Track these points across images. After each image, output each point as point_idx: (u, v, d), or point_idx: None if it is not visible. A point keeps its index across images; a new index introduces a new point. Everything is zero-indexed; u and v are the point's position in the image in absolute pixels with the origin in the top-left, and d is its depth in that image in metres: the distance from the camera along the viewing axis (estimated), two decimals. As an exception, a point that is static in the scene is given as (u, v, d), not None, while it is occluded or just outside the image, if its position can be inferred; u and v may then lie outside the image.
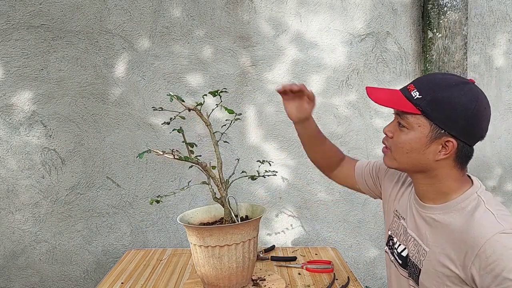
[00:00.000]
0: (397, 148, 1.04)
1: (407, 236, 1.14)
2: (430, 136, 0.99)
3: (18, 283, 2.29)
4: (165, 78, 2.21)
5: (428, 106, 0.97)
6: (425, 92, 0.98)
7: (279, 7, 2.20)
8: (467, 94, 0.96)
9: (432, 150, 1.00)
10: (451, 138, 0.97)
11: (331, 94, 2.26)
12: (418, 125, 0.99)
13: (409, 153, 1.02)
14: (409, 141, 1.01)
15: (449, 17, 2.13)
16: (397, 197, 1.22)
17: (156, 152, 1.24)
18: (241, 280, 1.35)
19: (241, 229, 1.29)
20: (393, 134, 1.06)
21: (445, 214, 1.02)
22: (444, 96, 0.96)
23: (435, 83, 0.99)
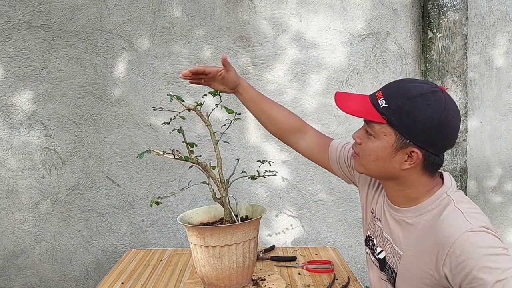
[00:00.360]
0: (364, 155, 1.04)
1: (384, 239, 1.13)
2: (396, 146, 0.98)
3: (18, 283, 2.29)
4: (165, 78, 2.21)
5: (394, 116, 0.96)
6: (392, 101, 0.96)
7: (279, 7, 2.20)
8: (433, 104, 0.94)
9: (397, 159, 0.99)
10: (416, 149, 0.97)
11: (331, 94, 2.26)
12: (384, 134, 0.99)
13: (375, 161, 1.02)
14: (375, 150, 1.01)
15: (449, 17, 2.13)
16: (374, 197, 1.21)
17: (156, 152, 1.24)
18: (241, 280, 1.35)
19: (241, 229, 1.29)
20: (362, 141, 1.06)
21: (417, 216, 1.02)
22: (409, 106, 0.94)
23: (402, 92, 0.97)
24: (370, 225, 1.22)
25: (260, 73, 2.23)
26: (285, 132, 1.35)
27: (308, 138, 1.35)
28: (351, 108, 1.03)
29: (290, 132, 1.35)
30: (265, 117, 1.34)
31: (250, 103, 1.34)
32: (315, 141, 1.35)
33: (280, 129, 1.35)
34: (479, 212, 0.96)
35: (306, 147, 1.35)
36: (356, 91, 2.26)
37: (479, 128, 2.28)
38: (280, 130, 1.35)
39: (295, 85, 2.24)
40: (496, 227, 2.36)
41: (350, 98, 1.06)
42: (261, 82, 2.23)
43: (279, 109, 1.35)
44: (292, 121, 1.35)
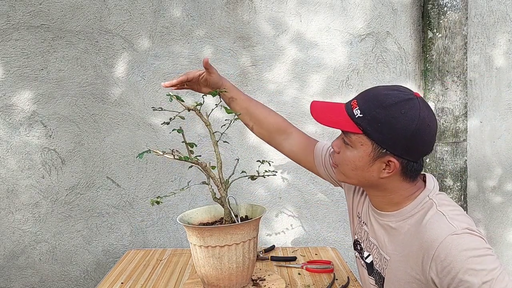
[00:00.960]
0: (343, 164, 1.04)
1: (370, 243, 1.14)
2: (373, 155, 0.98)
3: (18, 283, 2.29)
4: (165, 78, 2.20)
5: (369, 126, 0.96)
6: (366, 110, 0.96)
7: (279, 7, 2.20)
8: (408, 113, 0.94)
9: (375, 168, 1.00)
10: (393, 158, 0.97)
11: (331, 94, 2.26)
12: (361, 144, 0.99)
13: (354, 171, 1.02)
14: (353, 159, 1.01)
15: (449, 17, 2.13)
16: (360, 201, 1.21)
17: (156, 152, 1.24)
18: (241, 280, 1.35)
19: (241, 229, 1.29)
20: (340, 149, 1.05)
21: (400, 221, 1.02)
22: (384, 115, 0.94)
23: (377, 101, 0.96)
24: (357, 229, 1.23)
25: (260, 73, 2.23)
26: (269, 132, 1.35)
27: (292, 140, 1.35)
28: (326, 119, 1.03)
29: (273, 132, 1.35)
30: (248, 117, 1.34)
31: (233, 103, 1.34)
32: (300, 143, 1.35)
33: (263, 130, 1.35)
34: (461, 214, 0.96)
35: (290, 149, 1.36)
36: (356, 91, 2.26)
37: (479, 128, 2.28)
38: (264, 131, 1.36)
39: (295, 85, 2.24)
40: (496, 227, 2.36)
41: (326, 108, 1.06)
42: (261, 82, 2.23)
43: (263, 109, 1.35)
44: (276, 122, 1.35)
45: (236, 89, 1.35)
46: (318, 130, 2.26)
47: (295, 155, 1.37)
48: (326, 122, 1.02)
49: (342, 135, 1.05)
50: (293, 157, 1.39)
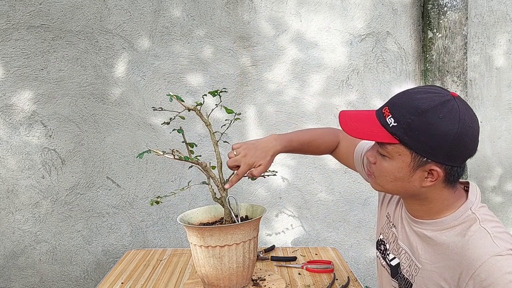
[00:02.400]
0: (381, 176, 0.98)
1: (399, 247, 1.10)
2: (413, 165, 0.92)
3: (18, 283, 2.29)
4: (165, 78, 2.20)
5: (405, 135, 0.89)
6: (400, 118, 0.90)
7: (279, 7, 2.20)
8: (447, 116, 0.87)
9: (417, 178, 0.93)
10: (435, 166, 0.90)
11: (331, 94, 2.26)
12: (399, 154, 0.92)
13: (393, 182, 0.96)
14: (392, 171, 0.95)
15: (449, 17, 2.13)
16: (391, 202, 1.18)
17: (156, 152, 1.24)
18: (241, 280, 1.35)
19: (241, 229, 1.29)
20: (376, 160, 0.99)
21: (438, 231, 0.97)
22: (420, 123, 0.88)
23: (410, 106, 0.89)
24: (384, 229, 1.19)
25: (260, 73, 2.23)
26: (327, 152, 1.39)
27: (340, 148, 1.37)
28: (358, 130, 0.97)
29: (330, 150, 1.38)
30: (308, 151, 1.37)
31: (294, 151, 1.35)
32: (344, 151, 1.36)
33: (323, 152, 1.39)
34: (504, 231, 0.91)
35: (338, 157, 1.39)
36: (356, 91, 2.26)
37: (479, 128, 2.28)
38: (323, 153, 1.40)
39: (295, 85, 2.24)
40: (496, 227, 2.36)
41: (356, 119, 1.00)
42: (261, 82, 2.23)
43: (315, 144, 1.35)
44: (327, 147, 1.37)
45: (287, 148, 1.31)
46: (318, 130, 2.26)
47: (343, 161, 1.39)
48: (358, 134, 0.96)
49: (376, 146, 0.98)
50: (341, 162, 1.40)
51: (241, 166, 1.21)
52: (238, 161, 1.21)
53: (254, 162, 1.21)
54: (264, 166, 1.23)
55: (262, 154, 1.23)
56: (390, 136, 0.91)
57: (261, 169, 1.22)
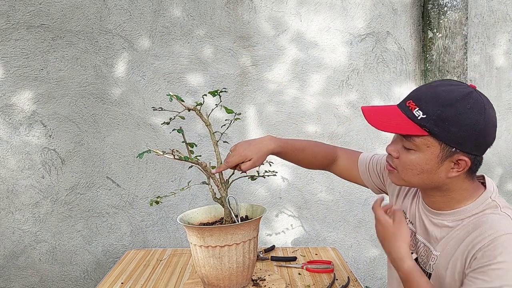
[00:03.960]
0: (406, 169, 0.98)
1: (417, 242, 1.11)
2: (441, 156, 0.93)
3: (18, 283, 2.29)
4: (165, 78, 2.20)
5: (435, 126, 0.91)
6: (429, 110, 0.91)
7: (279, 6, 2.20)
8: (474, 107, 0.90)
9: (444, 169, 0.95)
10: (464, 156, 0.92)
11: (331, 94, 2.26)
12: (427, 146, 0.93)
13: (419, 174, 0.97)
14: (419, 163, 0.95)
15: (449, 17, 2.13)
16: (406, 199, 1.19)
17: (156, 152, 1.24)
18: (241, 280, 1.35)
19: (241, 229, 1.29)
20: (399, 154, 0.99)
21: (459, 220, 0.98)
22: (450, 113, 0.90)
23: (438, 98, 0.92)
24: None
25: (260, 73, 2.23)
26: (321, 167, 1.40)
27: (340, 162, 1.38)
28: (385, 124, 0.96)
29: (325, 166, 1.39)
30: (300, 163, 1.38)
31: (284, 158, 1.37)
32: (346, 163, 1.37)
33: (316, 167, 1.40)
34: None
35: (340, 171, 1.39)
36: (356, 91, 2.26)
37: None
38: (317, 167, 1.41)
39: (295, 85, 2.24)
40: (496, 227, 2.36)
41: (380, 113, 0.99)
42: (261, 82, 2.23)
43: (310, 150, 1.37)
44: (324, 158, 1.37)
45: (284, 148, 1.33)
46: (318, 130, 2.26)
47: (344, 175, 1.40)
48: (386, 128, 0.95)
49: (399, 140, 0.98)
50: (342, 176, 1.41)
51: (234, 156, 1.22)
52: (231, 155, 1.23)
53: (246, 155, 1.23)
54: (253, 161, 1.24)
55: (255, 150, 1.24)
56: (419, 128, 0.92)
57: (249, 164, 1.23)
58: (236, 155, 1.23)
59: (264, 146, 1.27)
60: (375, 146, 2.29)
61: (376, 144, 2.29)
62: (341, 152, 1.39)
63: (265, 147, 1.27)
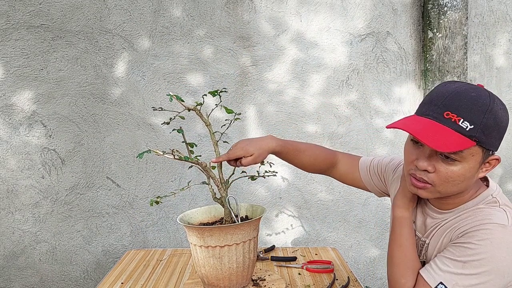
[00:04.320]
0: (447, 182, 0.94)
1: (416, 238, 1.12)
2: (481, 161, 0.94)
3: (18, 283, 2.29)
4: (165, 78, 2.20)
5: (483, 135, 0.90)
6: (475, 120, 0.89)
7: (279, 7, 2.20)
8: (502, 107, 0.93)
9: (479, 172, 0.96)
10: (495, 155, 0.96)
11: (331, 94, 2.26)
12: (472, 155, 0.92)
13: (460, 184, 0.95)
14: (463, 173, 0.93)
15: (449, 17, 2.13)
16: None
17: (156, 152, 1.24)
18: (241, 280, 1.35)
19: (241, 229, 1.29)
20: (435, 168, 0.94)
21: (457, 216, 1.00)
22: (492, 118, 0.90)
23: (479, 106, 0.90)
24: None
25: (260, 73, 2.23)
26: (321, 170, 1.41)
27: (341, 166, 1.39)
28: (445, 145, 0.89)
29: (325, 169, 1.40)
30: (300, 165, 1.39)
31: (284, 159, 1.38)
32: (346, 168, 1.38)
33: (316, 170, 1.41)
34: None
35: (340, 176, 1.40)
36: (356, 91, 2.26)
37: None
38: (317, 170, 1.41)
39: (295, 85, 2.24)
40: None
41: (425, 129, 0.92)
42: (261, 82, 2.23)
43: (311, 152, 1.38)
44: (324, 160, 1.38)
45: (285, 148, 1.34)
46: (318, 130, 2.26)
47: (345, 179, 1.40)
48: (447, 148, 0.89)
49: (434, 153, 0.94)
50: (343, 181, 1.42)
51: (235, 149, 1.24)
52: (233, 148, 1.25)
53: (248, 150, 1.24)
54: (254, 157, 1.24)
55: (256, 146, 1.26)
56: (468, 140, 0.90)
57: (250, 159, 1.24)
58: (238, 149, 1.24)
59: (265, 144, 1.28)
60: (375, 146, 2.29)
61: (376, 144, 2.29)
62: (342, 156, 1.40)
63: (266, 145, 1.28)
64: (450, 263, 0.91)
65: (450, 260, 0.91)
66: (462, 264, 0.89)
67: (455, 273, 0.89)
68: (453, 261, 0.90)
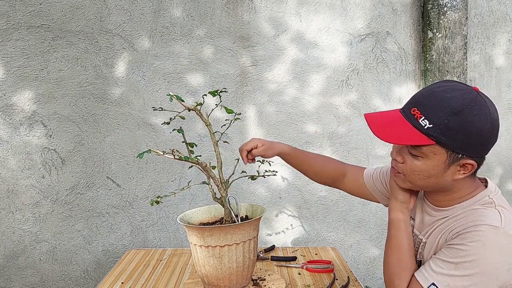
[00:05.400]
0: (412, 174, 0.99)
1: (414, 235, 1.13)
2: (448, 162, 0.94)
3: (18, 283, 2.29)
4: (165, 78, 2.21)
5: (442, 135, 0.91)
6: (436, 119, 0.91)
7: (279, 7, 2.20)
8: (479, 114, 0.91)
9: (450, 173, 0.96)
10: (470, 160, 0.94)
11: (331, 94, 2.26)
12: (434, 153, 0.94)
13: (427, 179, 0.98)
14: (426, 169, 0.96)
15: (449, 17, 2.13)
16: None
17: (156, 152, 1.24)
18: (241, 280, 1.35)
19: (242, 229, 1.29)
20: (404, 160, 1.00)
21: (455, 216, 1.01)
22: (457, 122, 0.89)
23: (444, 107, 0.90)
24: None
25: (260, 73, 2.23)
26: (329, 181, 1.43)
27: (348, 178, 1.41)
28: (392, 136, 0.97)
29: (333, 180, 1.42)
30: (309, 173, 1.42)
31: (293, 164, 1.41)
32: (354, 179, 1.40)
33: (324, 181, 1.44)
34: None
35: (349, 188, 1.42)
36: (356, 91, 2.26)
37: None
38: (324, 181, 1.44)
39: (295, 85, 2.24)
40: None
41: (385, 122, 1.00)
42: (261, 82, 2.23)
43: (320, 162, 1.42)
44: (332, 171, 1.41)
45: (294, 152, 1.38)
46: (318, 130, 2.27)
47: (353, 191, 1.42)
48: (393, 140, 0.96)
49: (404, 148, 0.99)
50: (351, 193, 1.43)
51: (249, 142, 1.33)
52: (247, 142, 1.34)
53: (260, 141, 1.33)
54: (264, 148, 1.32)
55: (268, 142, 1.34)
56: (425, 138, 0.92)
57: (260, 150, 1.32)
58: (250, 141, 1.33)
59: (276, 143, 1.36)
60: (375, 146, 2.29)
61: (376, 144, 2.29)
62: (350, 169, 1.42)
63: (278, 144, 1.36)
64: (442, 264, 0.92)
65: (443, 261, 0.92)
66: (454, 265, 0.89)
67: (448, 274, 0.90)
68: (446, 263, 0.91)
